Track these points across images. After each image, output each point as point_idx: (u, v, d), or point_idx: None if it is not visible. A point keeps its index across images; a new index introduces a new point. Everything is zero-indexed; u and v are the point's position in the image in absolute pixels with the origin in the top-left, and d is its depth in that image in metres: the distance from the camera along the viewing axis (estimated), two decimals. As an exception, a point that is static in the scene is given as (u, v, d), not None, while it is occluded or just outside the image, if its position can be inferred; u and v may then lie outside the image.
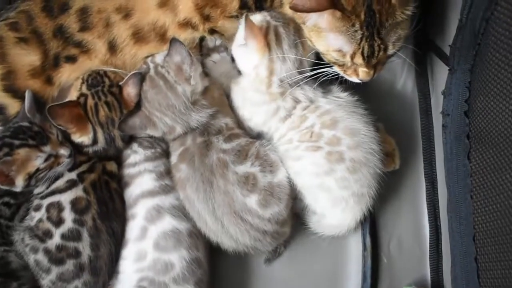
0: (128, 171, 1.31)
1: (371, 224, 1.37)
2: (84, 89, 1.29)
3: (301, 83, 1.28)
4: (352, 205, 1.27)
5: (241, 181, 1.25)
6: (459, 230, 1.24)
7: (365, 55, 1.16)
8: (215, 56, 1.38)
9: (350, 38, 1.15)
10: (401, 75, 1.48)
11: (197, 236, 1.27)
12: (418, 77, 1.47)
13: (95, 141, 1.29)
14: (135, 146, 1.32)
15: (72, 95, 1.31)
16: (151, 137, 1.31)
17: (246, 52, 1.28)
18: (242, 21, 1.26)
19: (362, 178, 1.26)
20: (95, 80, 1.30)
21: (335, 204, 1.28)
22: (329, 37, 1.17)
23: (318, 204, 1.30)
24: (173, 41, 1.27)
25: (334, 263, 1.39)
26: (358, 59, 1.17)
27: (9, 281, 1.23)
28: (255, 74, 1.29)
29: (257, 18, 1.28)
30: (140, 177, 1.29)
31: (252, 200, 1.24)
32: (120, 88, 1.30)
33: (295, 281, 1.37)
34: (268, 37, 1.26)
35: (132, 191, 1.29)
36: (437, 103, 1.40)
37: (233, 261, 1.35)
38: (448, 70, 1.28)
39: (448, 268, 1.29)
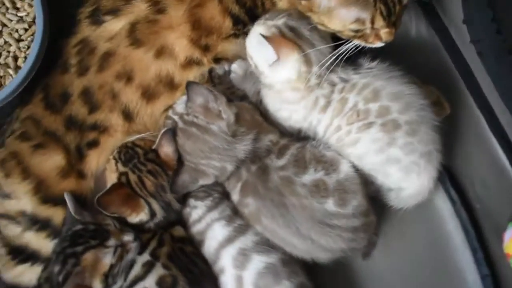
0: (196, 229, 1.25)
1: (450, 177, 1.32)
2: (121, 168, 1.23)
3: (331, 66, 1.22)
4: (425, 165, 1.22)
5: (312, 191, 1.19)
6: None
7: (385, 14, 1.11)
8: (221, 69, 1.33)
9: (364, 5, 1.10)
10: (410, 23, 1.42)
11: (292, 262, 1.21)
12: (429, 18, 1.42)
13: (153, 214, 1.22)
14: (192, 201, 1.25)
15: (111, 178, 1.24)
16: (203, 186, 1.25)
17: (280, 65, 1.21)
18: (250, 41, 1.22)
19: (424, 136, 1.21)
20: (128, 154, 1.24)
21: (408, 171, 1.22)
22: (342, 12, 1.13)
23: (391, 178, 1.25)
24: (189, 84, 1.21)
25: (430, 230, 1.33)
26: (379, 21, 1.13)
27: None
28: (296, 75, 1.22)
29: (262, 30, 1.21)
30: (211, 229, 1.23)
31: (330, 204, 1.18)
32: (156, 152, 1.24)
33: (400, 262, 1.32)
34: (288, 37, 1.20)
35: (209, 247, 1.23)
36: (460, 34, 1.35)
37: (333, 271, 1.28)
38: (461, -2, 1.24)
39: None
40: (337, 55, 1.20)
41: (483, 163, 1.34)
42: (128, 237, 1.18)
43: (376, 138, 1.20)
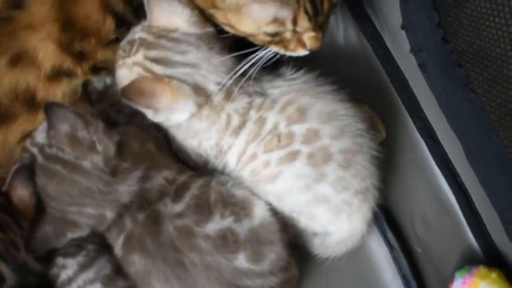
0: None
1: (386, 217, 1.10)
2: None
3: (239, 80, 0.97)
4: (358, 205, 1.00)
5: (218, 245, 0.92)
6: (495, 177, 0.99)
7: (310, 13, 0.88)
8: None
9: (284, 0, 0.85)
10: (337, 29, 1.19)
11: None
12: (359, 21, 1.19)
13: (1, 280, 0.91)
14: (59, 260, 0.96)
15: None
16: (74, 239, 0.95)
17: (166, 112, 0.96)
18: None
19: (360, 169, 0.99)
20: None
21: (338, 212, 1.00)
22: (254, 9, 0.88)
23: (317, 221, 1.02)
24: (48, 107, 0.92)
25: (363, 282, 1.10)
26: (303, 22, 0.89)
27: None
28: (195, 108, 0.97)
29: (124, 74, 0.97)
30: None
31: (241, 260, 0.93)
32: (7, 196, 0.93)
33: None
34: (157, 76, 0.94)
35: None
36: (397, 42, 1.13)
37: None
38: (399, -3, 1.02)
39: (496, 230, 1.05)
40: (247, 66, 0.96)
41: (424, 198, 1.13)
42: None
43: (302, 174, 0.96)
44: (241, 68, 0.95)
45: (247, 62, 0.96)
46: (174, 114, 0.97)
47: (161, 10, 0.96)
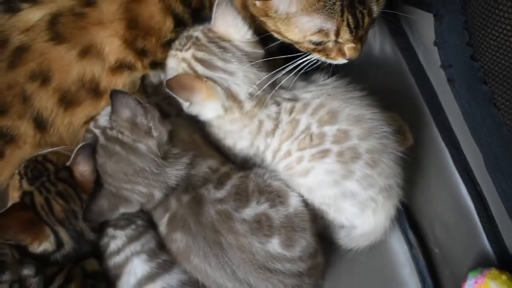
0: (113, 261, 1.06)
1: (408, 217, 1.17)
2: (26, 186, 1.03)
3: (274, 86, 1.07)
4: (383, 202, 1.08)
5: (254, 228, 1.02)
6: (510, 187, 1.06)
7: (352, 26, 0.96)
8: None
9: (329, 13, 0.95)
10: (374, 41, 1.28)
11: None
12: (396, 36, 1.28)
13: (60, 244, 1.02)
14: (110, 231, 1.07)
15: (13, 197, 1.04)
16: (125, 214, 1.06)
17: (199, 107, 1.07)
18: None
19: (385, 168, 1.06)
20: (36, 170, 1.04)
21: (364, 208, 1.08)
22: (302, 20, 0.97)
23: (344, 214, 1.10)
24: (114, 94, 1.02)
25: (383, 274, 1.18)
26: (345, 34, 0.97)
27: None
28: (222, 111, 1.07)
29: (172, 64, 1.09)
30: (130, 264, 1.05)
31: (275, 244, 1.02)
32: (70, 170, 1.04)
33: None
34: (199, 74, 1.05)
35: (125, 283, 1.04)
36: (429, 57, 1.21)
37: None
38: (434, 16, 1.09)
39: (509, 236, 1.12)
40: (288, 69, 1.05)
41: (445, 202, 1.21)
42: (28, 271, 0.98)
43: (332, 170, 1.05)
44: (279, 74, 1.05)
45: (288, 66, 1.05)
46: (205, 111, 1.07)
47: (225, 20, 1.06)
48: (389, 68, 1.28)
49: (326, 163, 1.05)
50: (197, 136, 1.11)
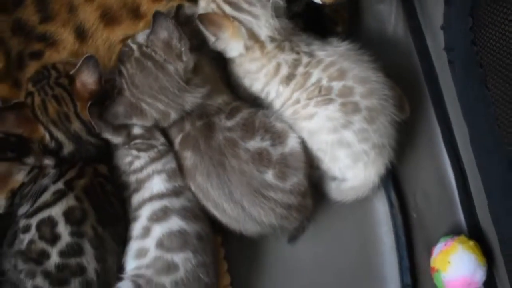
0: (135, 177, 1.16)
1: (393, 180, 1.28)
2: (30, 87, 1.14)
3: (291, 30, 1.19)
4: (374, 158, 1.19)
5: (255, 158, 1.13)
6: (490, 164, 1.17)
7: None
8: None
9: None
10: (389, 21, 1.39)
11: (206, 240, 1.14)
12: (409, 19, 1.39)
13: (58, 144, 1.13)
14: (134, 152, 1.17)
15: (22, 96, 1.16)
16: (144, 137, 1.17)
17: (223, 43, 1.18)
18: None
19: (381, 127, 1.17)
20: (40, 74, 1.14)
21: (356, 159, 1.19)
22: None
23: (338, 164, 1.21)
24: (157, 15, 1.12)
25: (362, 228, 1.29)
26: None
27: None
28: (244, 50, 1.18)
29: (203, 5, 1.19)
30: (150, 180, 1.15)
31: (270, 175, 1.13)
32: (71, 78, 1.14)
33: (324, 255, 1.26)
34: (226, 14, 1.16)
35: (140, 196, 1.15)
36: (435, 41, 1.33)
37: (253, 248, 1.24)
38: (444, 2, 1.21)
39: (482, 210, 1.22)
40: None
41: (429, 173, 1.32)
42: (49, 162, 1.10)
43: (333, 117, 1.16)
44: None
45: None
46: (228, 47, 1.18)
47: None
48: (398, 47, 1.39)
49: (329, 110, 1.16)
50: (217, 73, 1.22)
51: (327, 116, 1.16)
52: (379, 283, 1.26)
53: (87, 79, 1.14)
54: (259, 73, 1.21)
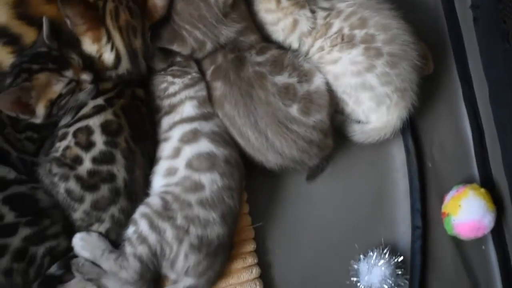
0: (168, 101, 1.23)
1: (412, 129, 1.33)
2: None
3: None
4: (397, 101, 1.24)
5: (281, 92, 1.20)
6: (507, 117, 1.22)
7: None
8: None
9: None
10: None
11: (233, 166, 1.19)
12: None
13: (118, 58, 1.19)
14: (169, 78, 1.24)
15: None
16: (180, 65, 1.25)
17: None
18: None
19: (403, 71, 1.23)
20: None
21: (379, 102, 1.24)
22: None
23: (362, 106, 1.26)
24: None
25: (378, 172, 1.35)
26: None
27: (40, 218, 1.13)
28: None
29: None
30: (182, 105, 1.22)
31: (294, 109, 1.20)
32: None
33: (340, 194, 1.33)
34: None
35: (171, 119, 1.22)
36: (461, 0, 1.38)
37: (273, 183, 1.31)
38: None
39: (495, 162, 1.28)
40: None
41: (447, 128, 1.38)
42: (86, 77, 1.15)
43: (357, 60, 1.22)
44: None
45: None
46: None
47: None
48: (425, 6, 1.44)
49: (352, 54, 1.22)
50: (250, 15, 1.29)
51: (350, 60, 1.22)
52: (391, 224, 1.32)
53: (159, 2, 1.20)
54: (276, 25, 1.27)
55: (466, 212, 1.22)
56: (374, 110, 1.26)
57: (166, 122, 1.22)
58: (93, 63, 1.20)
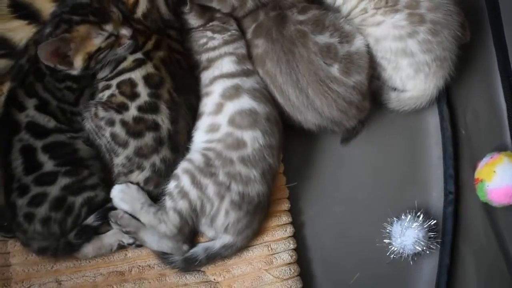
0: (207, 55, 1.24)
1: (447, 96, 1.34)
2: None
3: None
4: (435, 70, 1.25)
5: (323, 51, 1.20)
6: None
7: None
8: None
9: None
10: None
11: (274, 123, 1.20)
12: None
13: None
14: (209, 33, 1.24)
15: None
16: (221, 20, 1.25)
17: None
18: None
19: (444, 40, 1.23)
20: None
21: (418, 69, 1.25)
22: None
23: (400, 73, 1.27)
24: None
25: (412, 138, 1.37)
26: None
27: (79, 169, 1.14)
28: None
29: None
30: (220, 60, 1.22)
31: (335, 69, 1.20)
32: None
33: (374, 157, 1.34)
34: None
35: (210, 73, 1.22)
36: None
37: (308, 144, 1.32)
38: None
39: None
40: None
41: (481, 97, 1.36)
42: (126, 32, 1.14)
43: (399, 25, 1.22)
44: None
45: None
46: None
47: None
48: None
49: (395, 18, 1.22)
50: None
51: (393, 24, 1.22)
52: (423, 189, 1.33)
53: None
54: None
55: (501, 178, 1.22)
56: (412, 77, 1.26)
57: (206, 76, 1.22)
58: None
